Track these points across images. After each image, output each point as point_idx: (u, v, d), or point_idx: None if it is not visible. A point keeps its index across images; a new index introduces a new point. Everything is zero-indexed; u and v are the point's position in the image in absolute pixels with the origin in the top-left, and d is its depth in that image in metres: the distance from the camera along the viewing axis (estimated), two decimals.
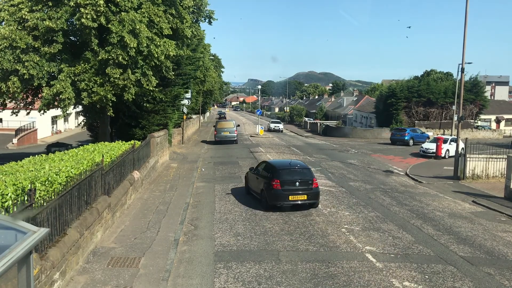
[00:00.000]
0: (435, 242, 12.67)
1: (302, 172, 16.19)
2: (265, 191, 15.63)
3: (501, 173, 23.35)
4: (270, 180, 15.51)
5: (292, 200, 15.33)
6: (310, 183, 15.68)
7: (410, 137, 43.72)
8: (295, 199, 15.33)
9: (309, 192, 15.48)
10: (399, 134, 43.76)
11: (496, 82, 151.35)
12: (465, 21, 23.72)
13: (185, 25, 22.09)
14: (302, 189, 15.45)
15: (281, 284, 9.31)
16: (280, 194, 15.22)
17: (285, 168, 16.36)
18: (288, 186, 15.40)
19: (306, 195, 15.40)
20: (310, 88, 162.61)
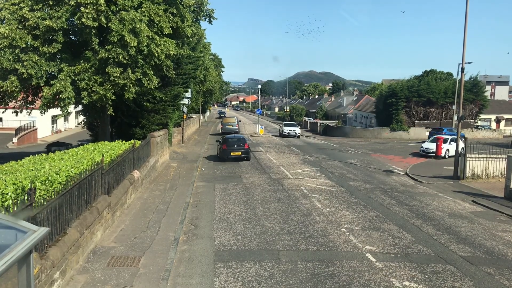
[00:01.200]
0: (435, 242, 12.68)
1: (239, 140, 29.36)
2: (221, 150, 28.70)
3: (501, 173, 23.35)
4: (222, 145, 28.86)
5: (232, 155, 28.08)
6: (243, 146, 28.50)
7: None
8: (234, 154, 28.10)
9: (242, 150, 28.23)
10: (437, 133, 44.63)
11: (496, 82, 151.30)
12: (465, 21, 23.72)
13: (186, 24, 22.09)
14: (238, 149, 28.19)
15: (281, 283, 9.31)
16: (226, 151, 28.19)
17: (230, 138, 30.16)
18: (229, 147, 28.29)
19: (240, 152, 28.13)
20: (310, 88, 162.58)
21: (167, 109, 29.65)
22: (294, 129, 52.28)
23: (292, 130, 51.90)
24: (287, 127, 52.83)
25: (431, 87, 57.04)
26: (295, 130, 52.17)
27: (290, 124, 55.21)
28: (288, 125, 54.24)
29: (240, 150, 28.07)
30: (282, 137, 51.00)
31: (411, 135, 54.93)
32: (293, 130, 52.04)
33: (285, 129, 52.62)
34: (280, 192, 18.82)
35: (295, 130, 52.24)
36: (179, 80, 31.90)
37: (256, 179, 21.86)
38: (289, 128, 52.40)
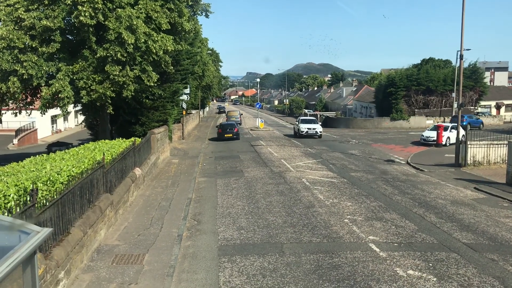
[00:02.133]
0: (438, 230, 12.70)
1: (231, 126, 40.76)
2: (217, 133, 40.21)
3: (503, 159, 23.34)
4: (218, 129, 40.59)
5: (226, 136, 39.06)
6: (233, 130, 39.75)
7: (468, 123, 47.31)
8: (227, 135, 39.04)
9: (233, 132, 39.41)
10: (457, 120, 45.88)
11: (496, 68, 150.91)
12: (462, 8, 23.62)
13: (184, 19, 22.03)
14: (230, 132, 39.40)
15: (286, 276, 9.34)
16: (221, 133, 39.45)
17: (224, 124, 41.97)
18: (223, 130, 39.60)
19: (231, 134, 39.30)
20: (309, 80, 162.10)
21: (166, 106, 29.64)
22: (315, 127, 41.06)
23: (312, 129, 40.84)
24: (305, 125, 41.56)
25: (430, 75, 56.88)
26: (315, 128, 40.99)
27: (308, 121, 43.55)
28: (306, 122, 42.84)
29: (231, 132, 40.00)
30: (300, 137, 40.44)
31: (411, 124, 54.87)
32: (313, 128, 40.96)
33: (302, 127, 41.17)
34: (282, 185, 18.83)
35: (316, 128, 41.05)
36: (178, 76, 31.86)
37: (258, 173, 21.87)
38: (307, 126, 41.23)
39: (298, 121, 44.19)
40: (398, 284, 8.91)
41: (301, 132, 40.91)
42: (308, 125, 41.47)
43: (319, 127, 41.60)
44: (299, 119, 44.66)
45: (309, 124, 42.11)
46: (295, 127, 43.85)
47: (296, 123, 44.44)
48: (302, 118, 46.13)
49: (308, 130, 40.82)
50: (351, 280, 9.12)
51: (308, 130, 40.80)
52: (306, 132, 40.76)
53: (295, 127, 44.38)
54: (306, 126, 41.19)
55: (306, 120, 43.83)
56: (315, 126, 41.47)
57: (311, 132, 40.79)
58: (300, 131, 41.16)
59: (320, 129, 41.44)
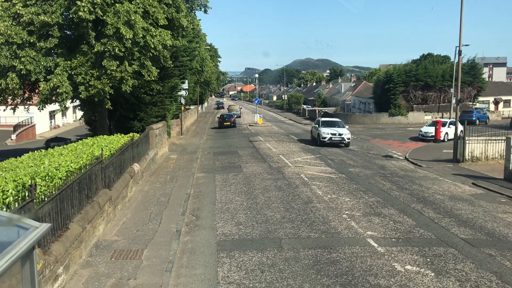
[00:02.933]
0: (436, 225, 12.74)
1: (229, 116, 51.69)
2: (218, 122, 51.28)
3: (500, 154, 23.39)
4: (218, 118, 52.28)
5: (225, 124, 49.35)
6: (231, 119, 50.37)
7: (477, 118, 49.64)
8: (226, 124, 49.36)
9: (230, 121, 49.98)
10: (467, 115, 48.11)
11: (494, 64, 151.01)
12: (461, 4, 23.59)
13: (181, 15, 21.96)
14: (228, 121, 49.90)
15: (284, 271, 9.36)
16: (221, 122, 50.20)
17: (224, 115, 53.09)
18: (223, 120, 50.09)
19: (229, 122, 49.81)
20: (307, 75, 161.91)
21: (164, 101, 29.60)
22: (341, 132, 30.67)
23: (338, 135, 30.54)
24: (327, 129, 31.19)
25: (428, 71, 56.86)
26: (341, 133, 30.56)
27: (331, 123, 32.70)
28: (329, 125, 32.16)
29: (229, 121, 50.31)
30: (321, 146, 30.77)
31: (409, 120, 54.92)
32: (338, 134, 30.59)
33: (324, 132, 30.91)
34: (281, 181, 18.85)
35: (342, 133, 30.59)
36: (176, 72, 31.80)
37: (256, 169, 21.89)
38: (331, 131, 30.88)
39: (317, 124, 32.93)
40: (396, 279, 8.94)
41: (323, 138, 30.55)
42: (332, 129, 30.91)
43: (346, 132, 30.61)
44: (319, 121, 33.22)
45: (333, 127, 31.35)
46: (314, 131, 33.56)
47: (316, 126, 33.06)
48: (324, 119, 34.12)
49: (332, 136, 30.32)
50: (349, 275, 9.16)
51: (332, 137, 30.31)
52: (330, 139, 30.33)
53: (313, 131, 33.87)
54: (329, 131, 30.72)
55: (329, 123, 32.59)
56: (341, 131, 30.66)
57: (336, 139, 30.28)
58: (321, 137, 30.75)
59: (348, 134, 30.51)
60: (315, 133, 32.73)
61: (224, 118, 50.54)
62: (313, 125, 35.52)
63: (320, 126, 31.92)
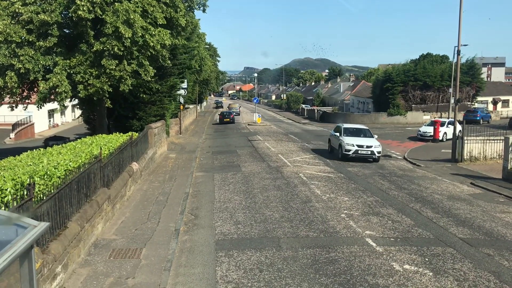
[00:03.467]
0: (434, 225, 12.76)
1: (229, 113, 58.58)
2: (219, 118, 57.96)
3: (499, 154, 23.43)
4: (219, 115, 58.94)
5: (224, 121, 55.80)
6: (230, 116, 56.92)
7: (481, 117, 51.09)
8: (225, 120, 55.87)
9: (230, 118, 56.44)
10: (471, 114, 50.48)
11: (492, 64, 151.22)
12: (460, 4, 23.63)
13: (179, 14, 21.93)
14: (228, 117, 56.46)
15: (282, 270, 9.37)
16: (221, 119, 56.84)
17: (224, 112, 61.71)
18: (223, 117, 56.74)
19: (229, 119, 56.19)
20: (306, 75, 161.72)
21: (163, 100, 29.58)
22: (370, 144, 24.31)
23: (366, 147, 24.12)
24: (352, 139, 24.78)
25: (427, 71, 56.91)
26: (370, 145, 24.16)
27: (356, 131, 26.02)
28: (354, 134, 25.63)
29: (229, 118, 56.53)
30: (343, 160, 24.21)
31: (408, 119, 54.97)
32: (367, 146, 24.18)
33: (348, 142, 24.44)
34: (279, 180, 18.86)
35: (372, 145, 24.22)
36: (175, 71, 31.79)
37: (255, 168, 21.89)
38: (357, 142, 24.48)
39: (338, 131, 25.97)
40: (394, 279, 8.96)
41: (346, 151, 24.06)
42: (358, 140, 24.58)
43: (376, 144, 24.19)
44: (341, 128, 26.07)
45: (359, 137, 25.09)
46: (333, 141, 26.63)
47: (335, 134, 26.06)
48: (347, 126, 26.96)
49: (359, 149, 23.92)
50: (347, 274, 9.17)
51: (359, 149, 23.91)
52: (356, 152, 23.91)
53: (332, 141, 26.97)
54: (354, 142, 24.26)
55: (353, 131, 25.88)
56: (369, 142, 24.41)
57: (364, 153, 23.92)
58: (343, 149, 24.22)
59: (378, 147, 24.09)
60: (335, 143, 25.91)
61: (224, 115, 57.41)
62: (331, 133, 27.60)
63: (342, 135, 25.09)
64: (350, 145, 24.18)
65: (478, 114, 51.18)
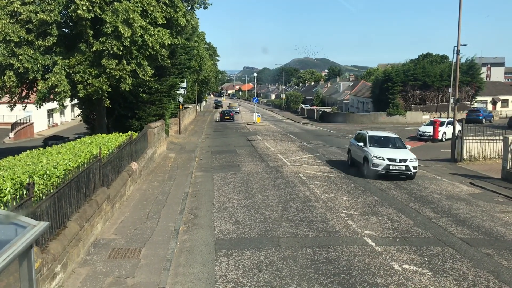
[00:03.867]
0: (433, 225, 12.77)
1: (229, 112, 64.46)
2: (219, 116, 62.98)
3: (498, 154, 23.44)
4: (220, 114, 64.26)
5: (225, 118, 60.70)
6: (230, 114, 62.10)
7: (483, 117, 51.49)
8: (226, 118, 60.76)
9: (230, 116, 61.40)
10: (474, 114, 51.20)
11: (492, 64, 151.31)
12: (460, 3, 23.63)
13: (179, 14, 21.90)
14: (228, 115, 61.64)
15: (282, 270, 9.37)
16: (222, 117, 61.76)
17: (224, 110, 67.91)
18: (224, 115, 62.13)
19: (229, 117, 60.99)
20: (306, 75, 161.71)
21: (163, 100, 29.57)
22: (404, 157, 19.46)
23: (399, 161, 19.29)
24: (381, 151, 19.93)
25: (426, 71, 56.93)
26: (405, 160, 19.33)
27: (383, 140, 21.41)
28: (381, 143, 21.00)
29: (228, 116, 61.17)
30: (370, 177, 19.48)
31: (407, 119, 55.00)
32: (400, 160, 19.32)
33: (377, 155, 19.62)
34: (279, 180, 18.86)
35: (407, 159, 19.38)
36: (175, 71, 31.78)
37: (255, 168, 21.89)
38: (388, 155, 19.61)
39: (362, 140, 21.09)
40: (393, 278, 8.96)
41: (374, 166, 19.20)
42: (388, 152, 19.75)
43: (411, 157, 19.38)
44: (365, 136, 21.08)
45: (388, 148, 20.43)
46: (355, 152, 21.66)
47: (359, 144, 21.00)
48: (372, 134, 21.60)
49: (391, 163, 19.03)
50: (347, 274, 9.18)
51: (391, 164, 19.03)
52: (387, 167, 19.05)
53: (354, 152, 22.01)
54: (384, 154, 19.36)
55: (380, 140, 21.12)
56: (402, 154, 19.56)
57: (397, 169, 19.07)
58: (371, 163, 19.33)
59: (414, 161, 19.30)
60: (358, 156, 21.00)
61: (224, 113, 62.91)
62: (351, 142, 22.86)
63: (368, 145, 20.21)
64: (379, 158, 19.12)
65: (480, 114, 51.60)
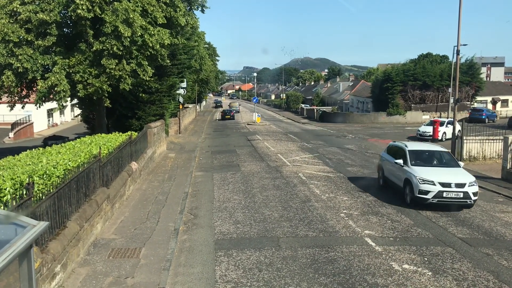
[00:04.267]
0: (433, 225, 12.76)
1: (230, 111, 67.43)
2: (221, 115, 68.06)
3: (498, 154, 23.44)
4: (221, 113, 70.10)
5: (226, 117, 64.40)
6: (231, 113, 65.46)
7: (486, 116, 51.61)
8: (226, 117, 64.36)
9: (230, 115, 64.76)
10: (477, 113, 51.61)
11: (492, 63, 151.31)
12: (459, 3, 23.62)
13: (179, 14, 21.89)
14: (228, 114, 64.82)
15: (282, 270, 9.37)
16: (223, 115, 65.85)
17: (225, 109, 71.57)
18: (225, 114, 65.74)
19: (229, 116, 64.64)
20: (306, 74, 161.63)
21: (163, 100, 29.55)
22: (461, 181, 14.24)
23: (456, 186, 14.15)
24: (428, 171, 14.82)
25: (426, 71, 56.92)
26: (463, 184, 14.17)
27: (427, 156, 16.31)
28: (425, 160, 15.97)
29: (229, 115, 64.44)
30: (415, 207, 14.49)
31: (407, 119, 54.99)
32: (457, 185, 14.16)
33: (425, 178, 14.37)
34: (279, 180, 18.86)
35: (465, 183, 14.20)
36: (174, 70, 31.76)
37: (254, 167, 21.89)
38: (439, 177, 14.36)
39: (401, 156, 16.28)
40: (393, 278, 8.96)
41: (422, 194, 14.39)
42: (440, 174, 14.84)
43: (469, 179, 14.55)
44: (405, 151, 16.24)
45: (439, 168, 15.64)
46: (390, 171, 17.07)
47: (397, 162, 16.02)
48: (413, 148, 16.68)
49: (445, 190, 14.21)
50: (346, 274, 9.18)
51: (445, 191, 14.21)
52: (439, 195, 14.19)
53: (387, 170, 17.42)
54: (436, 178, 14.48)
55: (427, 156, 16.49)
56: (458, 176, 14.76)
57: (453, 197, 14.23)
58: (417, 189, 14.54)
59: (474, 185, 14.44)
60: (395, 176, 16.20)
61: (225, 112, 67.03)
62: (383, 156, 17.89)
63: (409, 163, 15.44)
64: (428, 183, 14.19)
65: (483, 113, 51.83)
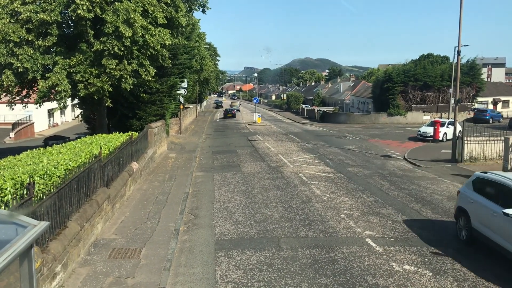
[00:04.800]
0: (434, 225, 12.75)
1: (232, 110, 70.85)
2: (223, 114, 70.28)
3: (499, 154, 23.42)
4: (223, 112, 73.59)
5: (228, 115, 68.64)
6: (232, 112, 69.43)
7: (490, 117, 51.57)
8: (228, 115, 68.36)
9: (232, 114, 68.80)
10: (481, 114, 51.91)
11: (493, 64, 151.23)
12: (460, 4, 23.62)
13: (180, 14, 21.91)
14: (230, 113, 68.67)
15: (282, 270, 9.37)
16: (225, 114, 69.52)
17: (227, 109, 74.28)
18: (227, 112, 69.36)
19: (231, 114, 68.70)
20: (306, 75, 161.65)
21: (163, 100, 29.55)
22: None
23: None
24: None
25: (427, 71, 56.87)
26: None
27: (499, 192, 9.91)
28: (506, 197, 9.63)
29: (231, 113, 67.98)
30: None
31: (408, 120, 54.95)
32: None
33: None
34: (279, 180, 18.85)
35: None
36: (175, 71, 31.77)
37: (255, 168, 21.89)
38: None
39: (504, 198, 9.66)
40: (394, 279, 8.96)
41: None
42: None
43: None
44: (503, 186, 9.84)
45: None
46: (486, 219, 10.08)
47: (506, 213, 9.03)
48: None
49: None
50: (347, 274, 9.17)
51: None
52: None
53: (480, 216, 10.38)
54: None
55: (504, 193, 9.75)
56: None
57: None
58: None
59: None
60: (499, 228, 9.62)
61: (227, 111, 70.91)
62: (467, 194, 11.45)
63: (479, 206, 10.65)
64: None
65: (487, 114, 52.01)
